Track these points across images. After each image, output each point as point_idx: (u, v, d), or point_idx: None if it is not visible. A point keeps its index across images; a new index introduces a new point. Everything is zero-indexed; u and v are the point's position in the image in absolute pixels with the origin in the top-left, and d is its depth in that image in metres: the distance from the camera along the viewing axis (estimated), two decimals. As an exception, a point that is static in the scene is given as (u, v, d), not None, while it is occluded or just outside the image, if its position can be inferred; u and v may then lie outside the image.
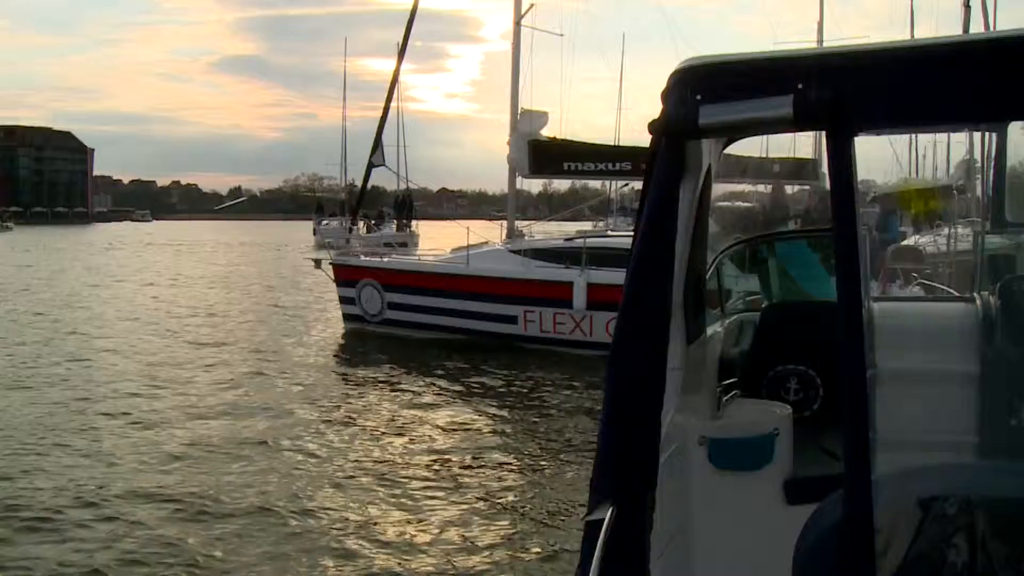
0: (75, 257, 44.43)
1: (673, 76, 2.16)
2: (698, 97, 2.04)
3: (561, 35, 18.15)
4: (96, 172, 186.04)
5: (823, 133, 1.86)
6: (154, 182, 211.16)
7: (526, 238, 16.34)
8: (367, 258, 17.02)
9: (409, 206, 30.64)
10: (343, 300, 16.99)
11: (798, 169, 16.12)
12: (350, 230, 18.61)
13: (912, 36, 29.96)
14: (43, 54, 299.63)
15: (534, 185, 16.64)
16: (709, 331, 3.51)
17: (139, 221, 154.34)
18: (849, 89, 1.86)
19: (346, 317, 17.05)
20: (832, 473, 2.53)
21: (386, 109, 18.05)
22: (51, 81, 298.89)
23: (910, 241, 20.65)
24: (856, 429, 1.77)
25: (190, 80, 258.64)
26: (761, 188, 16.18)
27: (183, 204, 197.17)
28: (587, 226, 32.62)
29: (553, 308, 14.68)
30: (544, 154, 16.19)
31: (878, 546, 1.79)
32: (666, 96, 2.15)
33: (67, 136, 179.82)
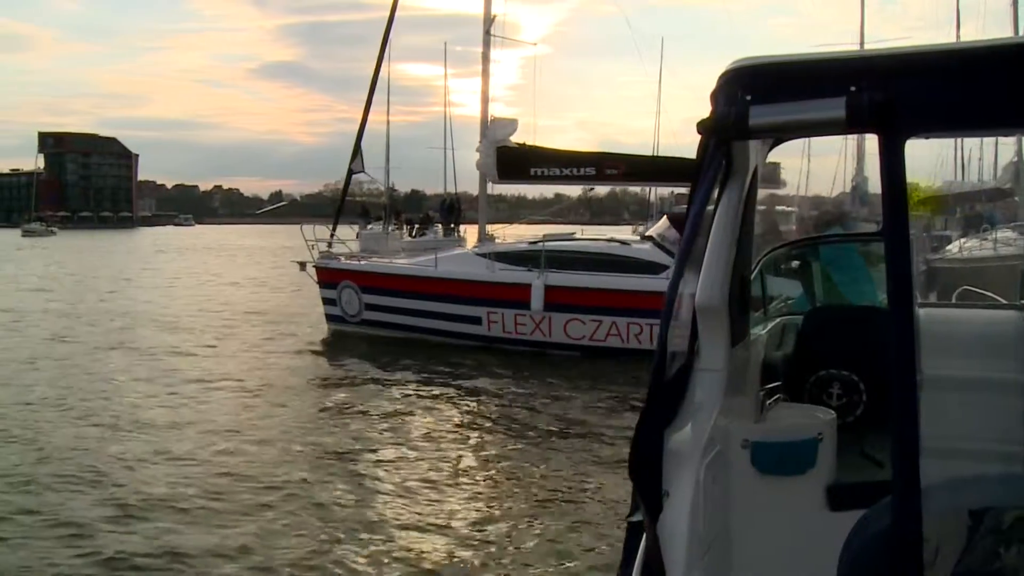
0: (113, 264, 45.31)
1: (723, 76, 2.18)
2: (748, 98, 2.05)
3: (534, 44, 18.50)
4: (140, 177, 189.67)
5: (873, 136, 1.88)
6: (197, 186, 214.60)
7: (496, 241, 16.84)
8: (347, 261, 17.57)
9: (457, 210, 29.75)
10: (325, 301, 17.55)
11: (762, 173, 16.35)
12: (388, 233, 19.02)
13: (958, 37, 29.35)
14: (89, 62, 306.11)
15: (574, 190, 16.76)
16: (752, 334, 3.45)
17: (182, 225, 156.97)
18: (902, 92, 1.84)
19: (328, 317, 17.60)
20: (877, 480, 2.59)
21: (365, 115, 18.54)
22: (96, 88, 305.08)
23: (954, 246, 20.68)
24: (905, 436, 1.74)
25: (231, 86, 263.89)
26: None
27: (225, 208, 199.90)
28: (627, 230, 32.78)
29: (514, 309, 15.12)
30: (511, 160, 16.62)
31: (926, 556, 1.75)
32: (716, 96, 2.17)
33: (112, 142, 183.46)
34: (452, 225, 29.02)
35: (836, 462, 2.96)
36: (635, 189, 61.14)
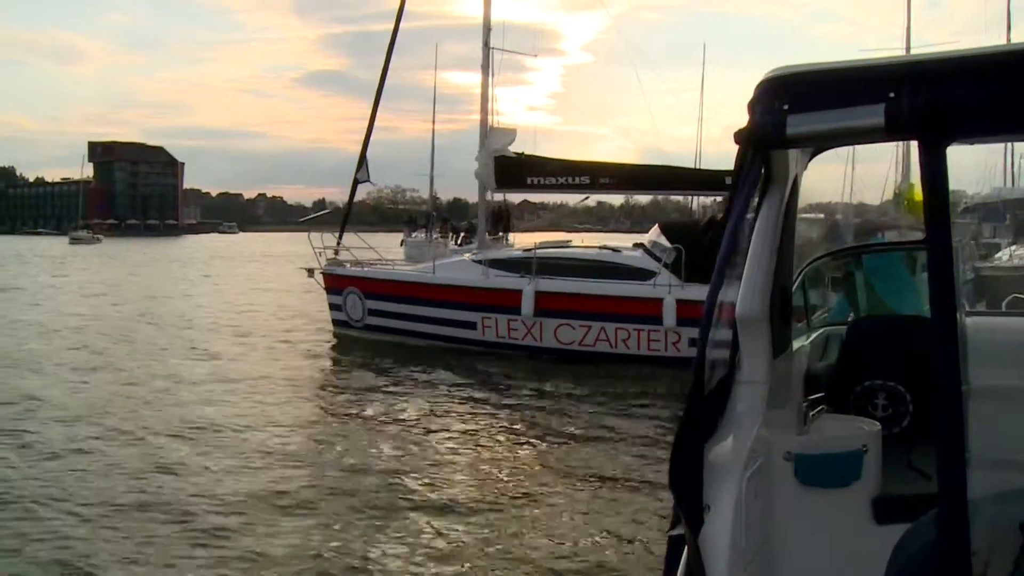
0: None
1: (760, 86, 2.15)
2: (786, 107, 2.04)
3: (535, 56, 18.88)
4: (186, 185, 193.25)
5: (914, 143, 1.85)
6: (241, 195, 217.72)
7: (498, 248, 17.32)
8: (352, 268, 18.12)
9: (506, 218, 28.69)
10: (332, 306, 18.12)
11: (713, 181, 16.57)
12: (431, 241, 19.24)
13: (1009, 39, 28.97)
14: (138, 73, 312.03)
15: (616, 198, 17.08)
16: (795, 345, 3.37)
17: (226, 232, 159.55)
18: (943, 97, 1.81)
19: (334, 322, 18.18)
20: (924, 492, 2.49)
21: (370, 125, 18.97)
22: (145, 98, 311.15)
23: (1004, 253, 20.46)
24: (951, 447, 1.72)
25: (275, 95, 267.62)
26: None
27: (268, 216, 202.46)
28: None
29: (507, 315, 15.56)
30: (508, 169, 17.11)
31: (975, 570, 1.73)
32: (753, 106, 2.15)
33: (159, 151, 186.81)
34: (500, 233, 28.03)
35: (882, 474, 2.90)
36: (678, 197, 60.92)
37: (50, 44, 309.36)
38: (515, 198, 23.28)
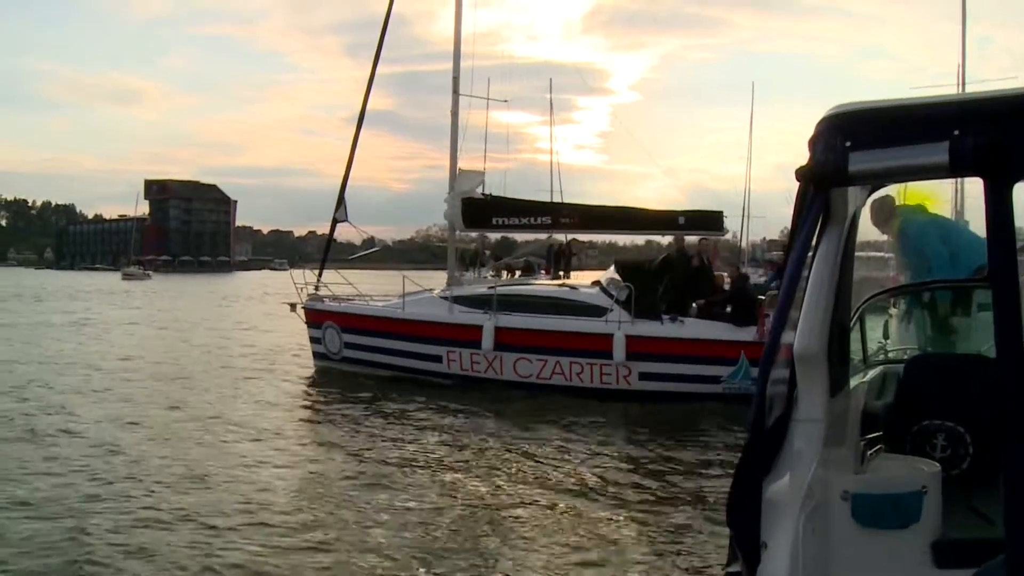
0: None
1: (821, 123, 2.16)
2: (848, 144, 2.03)
3: (505, 101, 19.69)
4: (238, 223, 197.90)
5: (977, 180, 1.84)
6: (291, 232, 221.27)
7: (464, 285, 18.15)
8: (331, 303, 19.01)
9: (567, 256, 28.91)
10: (312, 340, 18.99)
11: (704, 221, 17.28)
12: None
13: None
14: (192, 113, 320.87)
15: (664, 238, 17.19)
16: (852, 383, 3.39)
17: (277, 269, 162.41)
18: (1008, 135, 1.79)
19: (314, 354, 19.05)
20: (987, 537, 2.46)
21: (350, 162, 19.82)
22: (198, 138, 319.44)
23: None
24: (1019, 492, 1.69)
25: (325, 135, 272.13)
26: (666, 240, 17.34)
27: (318, 253, 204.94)
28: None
29: (469, 349, 16.33)
30: (475, 210, 17.97)
31: None
32: (814, 143, 2.15)
33: (212, 189, 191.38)
34: (561, 271, 27.74)
35: (942, 517, 2.79)
36: (727, 236, 60.76)
37: (110, 86, 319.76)
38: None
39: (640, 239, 26.79)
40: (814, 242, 2.40)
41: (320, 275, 19.54)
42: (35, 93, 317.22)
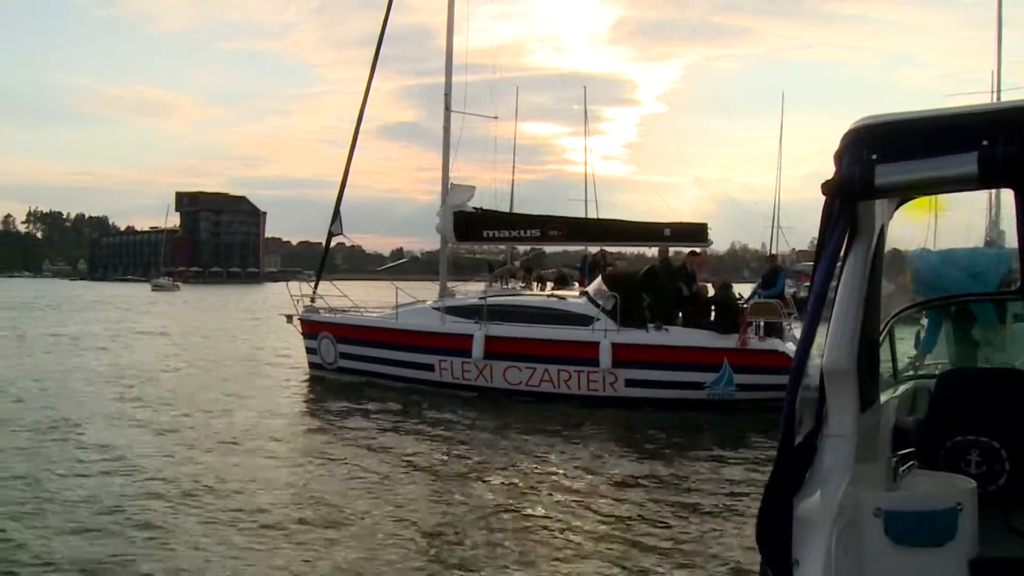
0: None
1: (847, 136, 2.12)
2: (874, 156, 2.00)
3: (495, 117, 20.07)
4: (267, 234, 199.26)
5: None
6: (320, 243, 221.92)
7: (457, 296, 18.59)
8: (326, 314, 19.58)
9: (602, 267, 29.07)
10: (308, 350, 19.59)
11: (689, 233, 17.61)
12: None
13: None
14: (221, 125, 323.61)
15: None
16: (882, 398, 3.32)
17: (305, 281, 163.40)
18: None
19: (310, 364, 19.64)
20: None
21: (345, 175, 20.39)
22: (228, 150, 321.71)
23: None
24: None
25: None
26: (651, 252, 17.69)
27: (347, 264, 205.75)
28: (746, 288, 32.23)
29: (460, 357, 16.76)
30: (466, 223, 18.47)
31: None
32: (840, 156, 2.12)
33: (242, 201, 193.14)
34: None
35: (979, 535, 2.72)
36: (755, 246, 60.72)
37: (142, 100, 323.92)
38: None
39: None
40: (842, 255, 2.36)
41: (316, 287, 20.09)
42: (68, 107, 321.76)
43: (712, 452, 12.27)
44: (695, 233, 17.40)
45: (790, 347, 15.62)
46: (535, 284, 24.22)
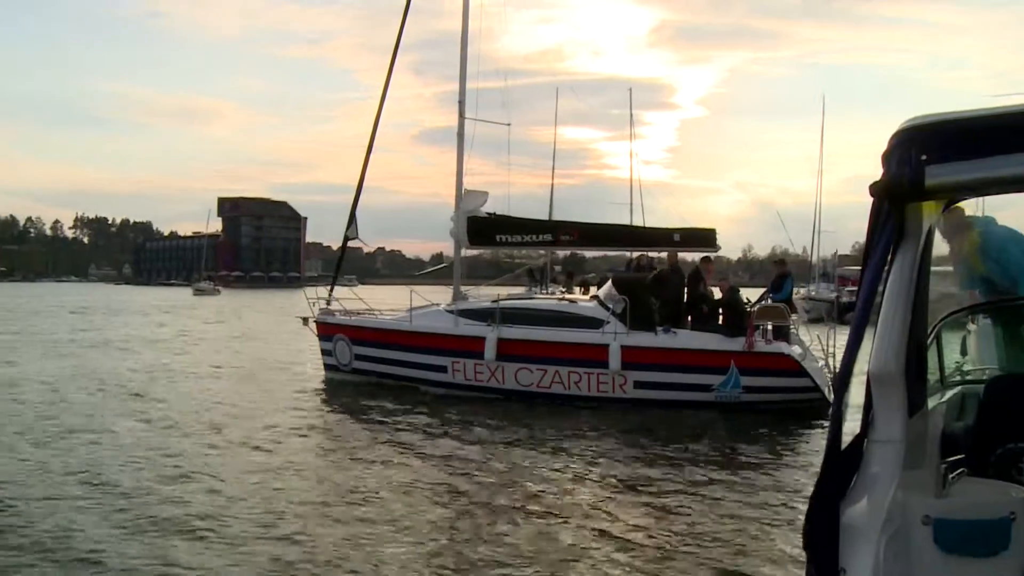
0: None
1: (895, 136, 2.08)
2: (924, 157, 1.95)
3: (508, 124, 20.27)
4: (308, 239, 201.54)
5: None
6: (360, 248, 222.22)
7: (470, 299, 18.87)
8: (341, 316, 19.95)
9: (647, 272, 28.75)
10: (323, 352, 19.94)
11: (697, 238, 17.76)
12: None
13: None
14: (262, 131, 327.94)
15: (734, 253, 17.29)
16: (930, 403, 3.21)
17: (346, 285, 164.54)
18: None
19: (326, 366, 19.97)
20: None
21: (361, 179, 20.54)
22: (268, 155, 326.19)
23: None
24: None
25: (393, 151, 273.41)
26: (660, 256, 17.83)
27: (387, 269, 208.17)
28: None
29: (473, 359, 17.05)
30: (480, 228, 18.75)
31: None
32: (888, 157, 2.07)
33: (283, 206, 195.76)
34: None
35: None
36: (796, 251, 60.35)
37: (184, 107, 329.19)
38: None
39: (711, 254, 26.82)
40: (889, 258, 2.34)
41: (332, 290, 20.46)
42: (114, 114, 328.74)
43: (722, 453, 12.45)
44: (704, 238, 17.59)
45: (796, 350, 15.85)
46: (578, 289, 24.29)
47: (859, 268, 2.54)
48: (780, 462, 11.94)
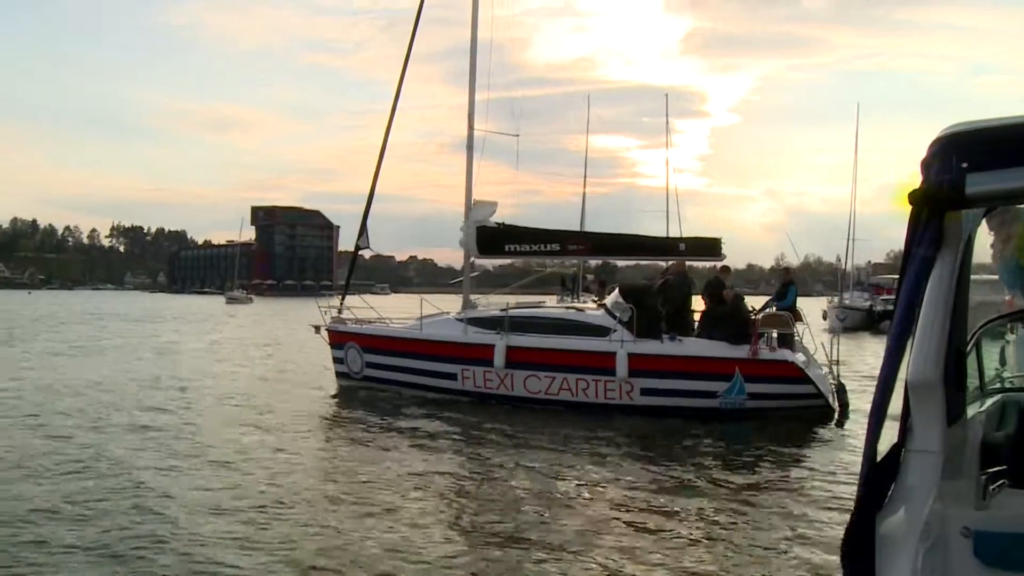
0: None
1: (935, 143, 2.06)
2: (964, 165, 1.93)
3: (517, 135, 20.39)
4: (340, 247, 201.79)
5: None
6: (393, 257, 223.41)
7: (479, 308, 19.08)
8: (352, 324, 20.20)
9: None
10: (335, 360, 20.16)
11: (703, 247, 17.88)
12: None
13: None
14: (294, 140, 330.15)
15: (766, 263, 17.48)
16: (969, 412, 3.18)
17: (378, 294, 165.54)
18: None
19: (337, 374, 20.20)
20: None
21: (372, 189, 20.91)
22: (301, 165, 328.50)
23: None
24: None
25: (424, 160, 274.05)
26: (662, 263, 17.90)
27: (419, 277, 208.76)
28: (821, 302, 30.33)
29: (483, 367, 17.26)
30: (489, 238, 18.93)
31: None
32: (927, 165, 2.05)
33: (316, 215, 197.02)
34: None
35: None
36: (829, 259, 59.67)
37: (218, 116, 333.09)
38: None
39: (744, 265, 26.66)
40: (928, 266, 2.30)
41: (343, 299, 20.75)
42: (149, 124, 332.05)
43: (726, 459, 12.53)
44: (709, 247, 17.69)
45: (799, 358, 15.92)
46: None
47: (894, 277, 2.68)
48: (784, 468, 12.04)
